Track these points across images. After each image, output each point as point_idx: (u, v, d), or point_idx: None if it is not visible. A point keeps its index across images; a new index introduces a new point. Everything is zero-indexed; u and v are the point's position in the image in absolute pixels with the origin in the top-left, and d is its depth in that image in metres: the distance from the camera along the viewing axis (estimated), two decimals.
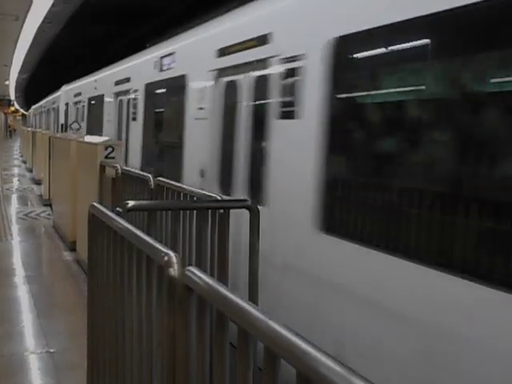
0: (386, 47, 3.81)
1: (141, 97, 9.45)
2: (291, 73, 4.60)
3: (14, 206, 13.73)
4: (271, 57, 4.98)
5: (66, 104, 19.08)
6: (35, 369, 4.87)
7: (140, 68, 9.88)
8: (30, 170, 21.62)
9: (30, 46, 20.52)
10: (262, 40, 5.18)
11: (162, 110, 8.70)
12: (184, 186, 4.69)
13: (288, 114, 4.62)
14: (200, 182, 6.38)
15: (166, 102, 8.49)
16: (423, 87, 3.55)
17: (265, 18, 5.41)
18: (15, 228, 10.83)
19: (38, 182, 17.32)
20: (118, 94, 11.35)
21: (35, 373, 4.80)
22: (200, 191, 4.40)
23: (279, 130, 4.81)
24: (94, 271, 3.20)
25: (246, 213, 3.89)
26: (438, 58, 3.38)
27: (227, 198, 5.41)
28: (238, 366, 1.56)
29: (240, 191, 5.66)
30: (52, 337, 5.45)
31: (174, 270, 2.02)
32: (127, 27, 17.22)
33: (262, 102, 5.23)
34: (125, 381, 2.57)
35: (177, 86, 7.55)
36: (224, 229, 3.76)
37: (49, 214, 12.21)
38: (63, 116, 19.66)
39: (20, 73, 31.20)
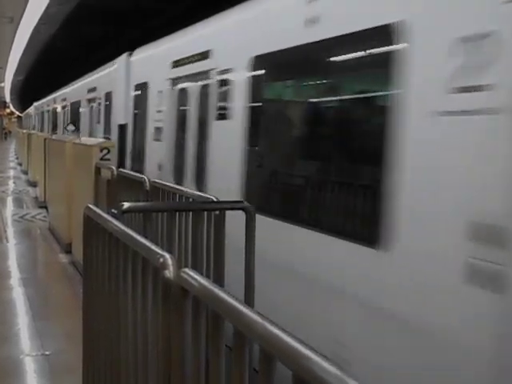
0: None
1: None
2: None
3: (9, 209, 13.69)
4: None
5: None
6: (30, 371, 4.85)
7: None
8: (26, 172, 21.57)
9: (25, 48, 20.51)
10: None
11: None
12: (180, 188, 4.68)
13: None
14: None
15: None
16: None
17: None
18: (10, 230, 10.80)
19: (33, 184, 17.29)
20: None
21: (30, 375, 4.78)
22: (196, 193, 4.39)
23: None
24: (89, 273, 3.19)
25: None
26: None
27: (223, 200, 5.44)
28: (233, 367, 1.56)
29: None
30: (47, 339, 5.44)
31: (170, 272, 2.01)
32: (122, 28, 17.21)
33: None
34: (120, 383, 2.56)
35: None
36: (220, 230, 3.75)
37: (44, 216, 12.18)
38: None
39: (15, 75, 31.17)
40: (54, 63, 25.19)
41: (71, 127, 14.39)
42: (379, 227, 3.48)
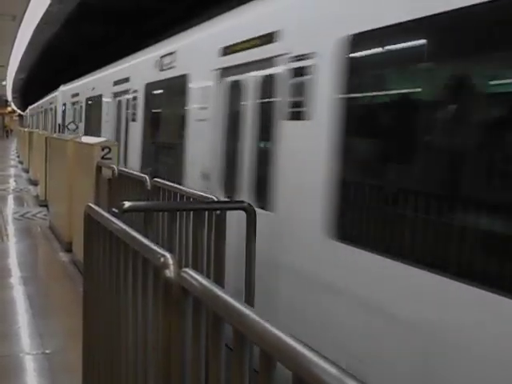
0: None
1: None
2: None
3: (10, 207, 13.69)
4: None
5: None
6: (30, 370, 4.85)
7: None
8: (27, 171, 21.57)
9: (27, 47, 20.51)
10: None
11: None
12: (181, 187, 4.67)
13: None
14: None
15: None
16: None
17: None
18: (11, 229, 10.80)
19: (34, 183, 17.28)
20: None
21: (30, 374, 4.78)
22: (197, 192, 4.39)
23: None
24: (89, 272, 3.19)
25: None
26: None
27: (224, 199, 5.41)
28: (233, 368, 1.56)
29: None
30: (47, 338, 5.43)
31: (170, 272, 2.01)
32: (124, 27, 17.22)
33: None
34: (120, 382, 2.56)
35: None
36: (221, 230, 3.75)
37: (45, 215, 12.17)
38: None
39: (17, 73, 31.18)
40: (55, 62, 25.20)
41: (72, 126, 14.38)
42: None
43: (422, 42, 3.46)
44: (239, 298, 3.58)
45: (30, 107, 35.15)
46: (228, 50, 6.04)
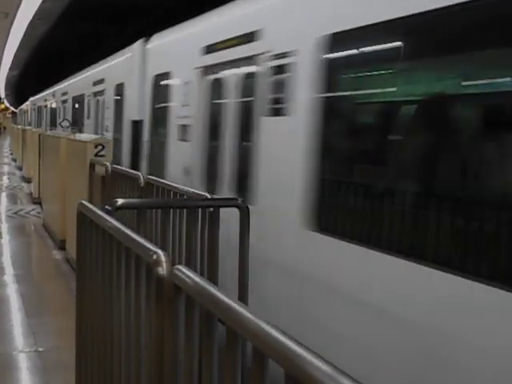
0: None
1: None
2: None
3: (3, 204, 13.65)
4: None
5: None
6: (23, 368, 4.83)
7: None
8: (20, 168, 21.50)
9: (20, 44, 20.42)
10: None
11: None
12: (174, 185, 4.66)
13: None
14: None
15: None
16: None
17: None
18: (4, 226, 10.76)
19: (27, 180, 17.23)
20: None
21: (23, 372, 4.76)
22: (190, 189, 4.38)
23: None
24: (82, 270, 3.18)
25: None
26: None
27: (217, 196, 5.40)
28: (226, 365, 1.55)
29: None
30: (41, 336, 5.42)
31: (163, 269, 2.00)
32: (118, 24, 17.15)
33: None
34: (113, 380, 2.55)
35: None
36: (214, 227, 3.74)
37: (38, 213, 12.14)
38: None
39: (10, 70, 31.03)
40: (48, 59, 25.11)
41: (65, 123, 14.34)
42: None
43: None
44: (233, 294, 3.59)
45: (31, 98, 31.29)
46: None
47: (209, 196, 4.04)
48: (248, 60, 5.31)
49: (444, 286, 2.99)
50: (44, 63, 26.76)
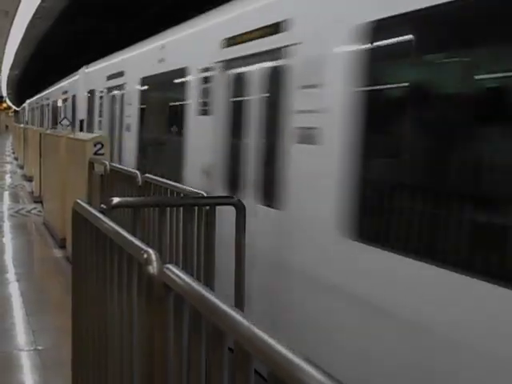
0: None
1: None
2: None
3: (5, 203, 13.66)
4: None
5: None
6: (22, 366, 4.85)
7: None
8: (22, 167, 21.52)
9: (21, 42, 20.43)
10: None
11: None
12: (171, 183, 4.66)
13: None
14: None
15: None
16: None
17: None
18: (6, 225, 10.78)
19: (29, 179, 17.25)
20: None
21: (22, 370, 4.77)
22: (187, 188, 4.37)
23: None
24: (78, 269, 3.19)
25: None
26: None
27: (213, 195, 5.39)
28: (212, 365, 1.55)
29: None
30: (40, 334, 5.43)
31: (153, 268, 2.00)
32: (117, 21, 17.14)
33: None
34: (107, 379, 2.55)
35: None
36: (210, 226, 3.74)
37: (39, 211, 12.15)
38: None
39: (11, 69, 31.07)
40: (49, 57, 25.11)
41: (66, 121, 14.35)
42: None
43: None
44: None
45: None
46: (110, 77, 9.91)
47: (205, 194, 4.03)
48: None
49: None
50: (45, 62, 26.76)
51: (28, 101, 37.08)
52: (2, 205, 13.28)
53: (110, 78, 10.99)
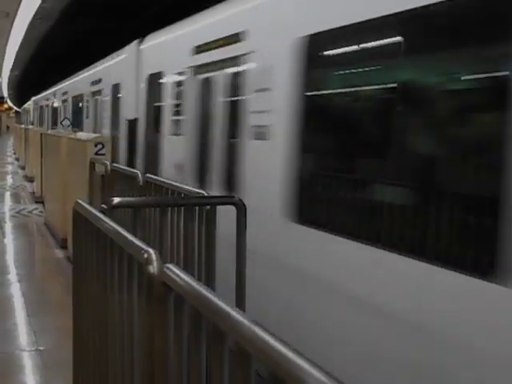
0: None
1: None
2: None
3: (6, 204, 13.67)
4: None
5: None
6: (24, 367, 4.85)
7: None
8: (23, 168, 21.54)
9: (22, 43, 20.43)
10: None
11: None
12: (173, 183, 4.65)
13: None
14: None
15: None
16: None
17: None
18: (7, 225, 10.79)
19: (30, 180, 17.26)
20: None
21: (23, 371, 4.77)
22: (188, 187, 4.37)
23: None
24: (78, 269, 3.18)
25: None
26: None
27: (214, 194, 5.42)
28: (212, 365, 1.54)
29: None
30: (41, 335, 5.43)
31: (154, 268, 1.99)
32: (118, 22, 17.14)
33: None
34: (108, 378, 2.55)
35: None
36: (211, 225, 3.73)
37: (41, 212, 12.16)
38: None
39: (12, 70, 31.08)
40: (50, 58, 25.12)
41: (66, 122, 14.35)
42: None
43: None
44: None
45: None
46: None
47: (205, 194, 4.03)
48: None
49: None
50: (45, 62, 26.77)
51: (34, 98, 32.11)
52: (4, 205, 13.29)
53: (202, 49, 6.59)
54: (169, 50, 8.12)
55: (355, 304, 3.74)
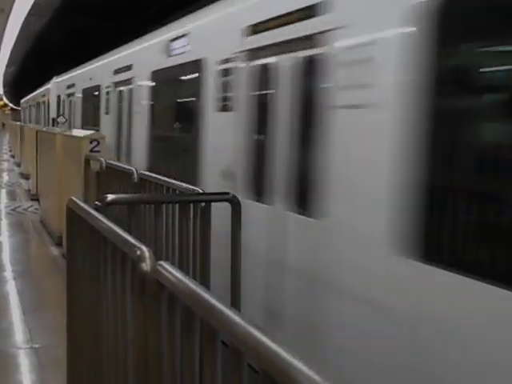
0: None
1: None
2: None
3: (1, 201, 13.63)
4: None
5: None
6: (19, 364, 4.83)
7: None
8: (19, 165, 21.48)
9: (17, 39, 20.36)
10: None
11: None
12: (167, 180, 4.64)
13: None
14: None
15: None
16: None
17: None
18: (3, 223, 10.75)
19: (26, 177, 17.21)
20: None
21: (19, 369, 4.76)
22: (183, 184, 4.35)
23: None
24: (72, 266, 3.17)
25: None
26: None
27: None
28: (205, 363, 1.53)
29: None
30: (37, 332, 5.41)
31: (146, 265, 1.98)
32: (114, 19, 17.09)
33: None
34: (102, 375, 2.54)
35: None
36: (206, 222, 3.72)
37: (36, 209, 12.13)
38: None
39: (7, 66, 30.98)
40: (45, 55, 25.04)
41: (62, 119, 14.29)
42: None
43: None
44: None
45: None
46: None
47: (200, 191, 4.01)
48: None
49: None
50: (41, 59, 26.69)
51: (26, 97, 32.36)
52: (0, 203, 13.26)
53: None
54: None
55: None
